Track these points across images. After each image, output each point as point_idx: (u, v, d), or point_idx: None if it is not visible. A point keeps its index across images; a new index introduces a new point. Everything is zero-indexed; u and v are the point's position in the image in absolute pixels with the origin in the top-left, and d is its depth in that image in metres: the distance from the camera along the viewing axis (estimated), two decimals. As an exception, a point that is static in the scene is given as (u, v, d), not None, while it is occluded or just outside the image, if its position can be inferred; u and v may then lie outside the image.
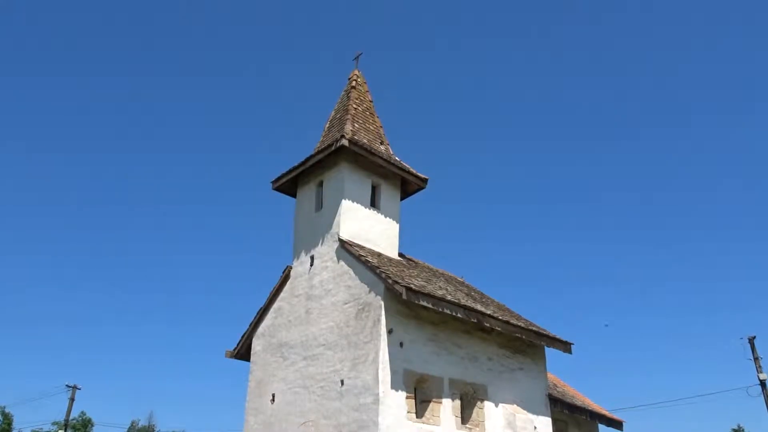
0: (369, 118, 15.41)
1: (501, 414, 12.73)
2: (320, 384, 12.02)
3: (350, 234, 13.06)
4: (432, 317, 12.12)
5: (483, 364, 12.93)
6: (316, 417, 11.83)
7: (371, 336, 11.22)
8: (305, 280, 13.58)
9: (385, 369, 10.85)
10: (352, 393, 11.17)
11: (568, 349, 14.50)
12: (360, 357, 11.28)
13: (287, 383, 13.00)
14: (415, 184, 15.01)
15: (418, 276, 13.11)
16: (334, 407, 11.46)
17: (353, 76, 16.03)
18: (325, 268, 13.10)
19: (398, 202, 14.69)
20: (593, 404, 17.71)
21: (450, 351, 12.32)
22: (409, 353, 11.47)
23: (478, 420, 12.32)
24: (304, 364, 12.68)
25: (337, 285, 12.56)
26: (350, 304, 12.03)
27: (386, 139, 15.45)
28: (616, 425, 17.51)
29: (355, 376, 11.24)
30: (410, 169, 14.74)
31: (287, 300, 13.99)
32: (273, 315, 14.34)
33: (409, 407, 11.07)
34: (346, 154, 13.52)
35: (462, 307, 12.15)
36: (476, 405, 12.45)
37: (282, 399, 13.01)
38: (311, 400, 12.10)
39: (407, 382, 11.23)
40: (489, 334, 13.22)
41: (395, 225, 14.28)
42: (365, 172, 13.98)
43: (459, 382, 12.25)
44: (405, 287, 10.94)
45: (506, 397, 13.06)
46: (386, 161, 14.08)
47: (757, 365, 24.90)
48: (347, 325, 11.89)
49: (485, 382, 12.79)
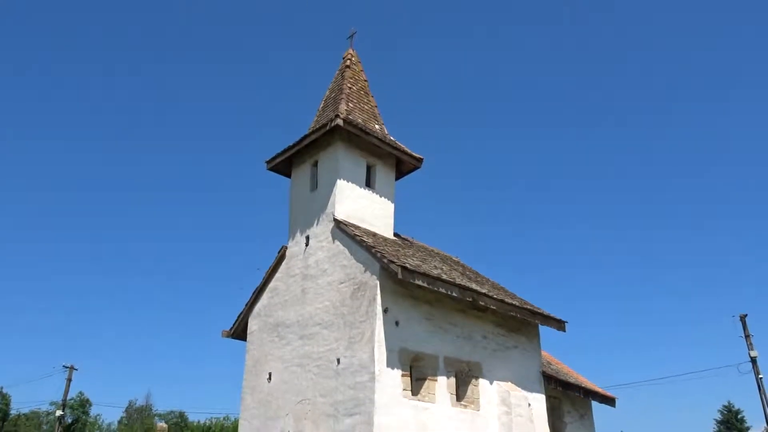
0: (364, 98, 15.32)
1: (495, 391, 12.87)
2: (316, 363, 12.11)
3: (345, 214, 13.06)
4: (427, 296, 12.19)
5: (478, 342, 13.04)
6: (312, 395, 11.94)
7: (367, 315, 11.28)
8: (301, 260, 13.61)
9: (380, 347, 10.93)
10: (348, 371, 11.26)
11: (562, 327, 14.63)
12: (356, 336, 11.35)
13: (283, 362, 13.09)
14: (410, 164, 14.98)
15: (414, 255, 13.15)
16: (330, 385, 11.56)
17: (348, 55, 15.91)
18: (320, 248, 13.11)
19: (393, 181, 14.67)
20: (587, 381, 17.91)
21: (445, 329, 12.41)
22: (405, 332, 11.55)
23: (473, 397, 12.45)
24: (300, 344, 12.76)
25: (333, 265, 12.59)
26: (346, 283, 12.07)
27: (381, 118, 15.37)
28: (609, 402, 17.73)
29: (351, 355, 11.32)
30: (405, 148, 14.70)
31: (283, 280, 14.03)
32: (269, 295, 14.38)
33: (404, 385, 11.17)
34: (341, 133, 13.46)
35: (457, 286, 12.22)
36: (471, 382, 12.57)
37: (278, 378, 13.11)
38: (307, 379, 12.20)
39: (403, 361, 11.32)
40: (484, 313, 13.32)
41: (390, 205, 14.28)
42: (360, 152, 13.94)
43: (454, 360, 12.36)
44: (400, 266, 10.97)
45: (501, 374, 13.19)
46: (381, 141, 14.03)
47: (749, 342, 25.23)
48: (343, 304, 11.95)
49: (480, 360, 12.91)
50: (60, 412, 34.93)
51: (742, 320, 25.59)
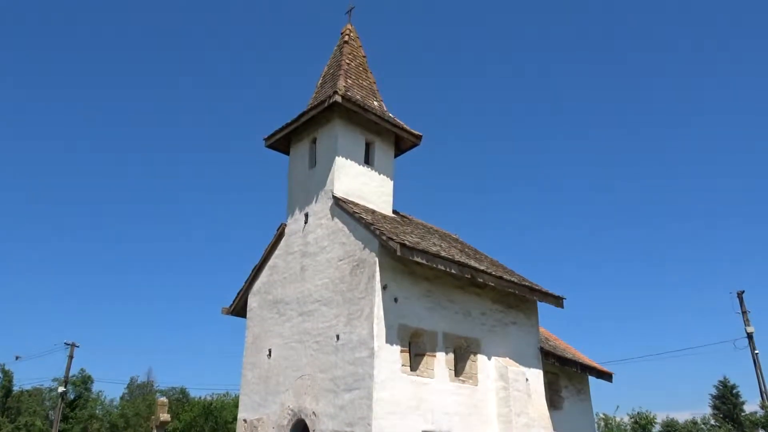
0: (362, 74, 15.21)
1: (493, 367, 12.99)
2: (316, 339, 12.20)
3: (344, 191, 13.05)
4: (426, 273, 12.23)
5: (476, 318, 13.13)
6: (312, 371, 12.05)
7: (366, 292, 11.34)
8: (300, 238, 13.63)
9: (379, 324, 11.01)
10: (347, 347, 11.35)
11: (560, 303, 14.71)
12: (355, 312, 11.42)
13: (283, 338, 13.19)
14: (409, 141, 14.93)
15: (413, 233, 13.17)
16: (329, 361, 11.66)
17: (346, 30, 15.75)
18: (319, 225, 13.13)
19: (392, 159, 14.63)
20: (584, 357, 18.08)
21: (444, 306, 12.48)
22: (404, 308, 11.62)
23: (471, 372, 12.57)
24: (299, 320, 12.84)
25: (332, 242, 12.61)
26: (345, 260, 12.11)
27: (380, 95, 15.28)
28: (606, 377, 17.92)
29: (350, 331, 11.40)
30: (404, 125, 14.63)
31: (282, 257, 14.07)
32: (268, 272, 14.44)
33: (403, 361, 11.27)
34: (339, 110, 13.39)
35: (456, 263, 12.26)
36: (469, 358, 12.68)
37: (278, 354, 13.21)
38: (307, 355, 12.30)
39: (402, 337, 11.41)
40: (482, 290, 13.38)
41: (389, 182, 14.26)
42: (359, 129, 13.88)
43: (452, 336, 12.45)
44: (399, 243, 11.00)
45: (499, 350, 13.30)
46: (380, 117, 13.97)
47: (745, 318, 25.41)
48: (342, 281, 12.00)
49: (478, 336, 13.01)
50: (62, 388, 35.27)
51: (739, 297, 25.73)
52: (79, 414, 41.47)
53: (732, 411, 37.23)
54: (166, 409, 7.23)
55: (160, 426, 6.77)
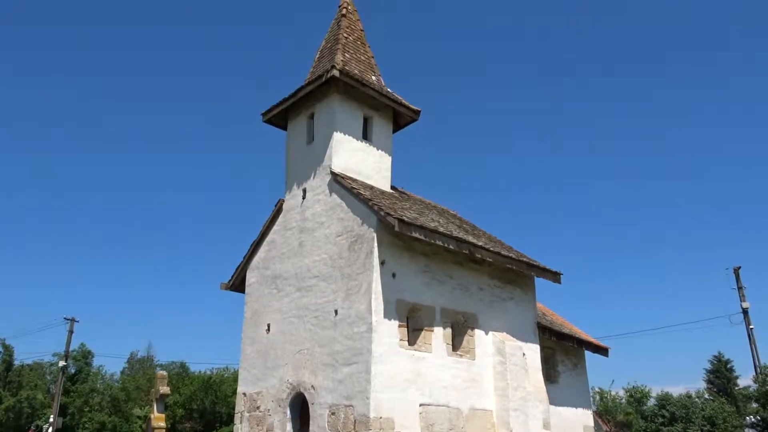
0: (360, 48, 15.04)
1: (491, 341, 13.08)
2: (314, 314, 12.26)
3: (342, 167, 13.00)
4: (424, 249, 12.25)
5: (474, 294, 13.19)
6: (310, 345, 12.13)
7: (364, 267, 11.36)
8: (298, 213, 13.62)
9: (378, 299, 11.05)
10: (345, 322, 11.41)
11: (557, 279, 14.77)
12: (353, 288, 11.46)
13: (282, 314, 13.25)
14: (407, 116, 14.82)
15: (411, 208, 13.16)
16: (328, 336, 11.74)
17: (344, 3, 15.52)
18: (317, 201, 13.10)
19: (390, 134, 14.55)
20: (580, 332, 18.20)
21: (442, 281, 12.53)
22: (402, 284, 11.66)
23: (468, 347, 12.67)
24: (298, 295, 12.89)
25: (330, 217, 12.60)
26: (343, 236, 12.12)
27: (378, 69, 15.14)
28: (602, 352, 18.06)
29: (348, 306, 11.46)
30: (402, 100, 14.52)
31: (280, 233, 14.07)
32: (266, 248, 14.45)
33: (401, 335, 11.35)
34: (337, 85, 13.27)
35: (454, 238, 12.27)
36: (467, 333, 12.77)
37: (277, 329, 13.29)
38: (306, 330, 12.37)
39: (400, 312, 11.47)
40: (480, 265, 13.42)
41: (387, 157, 14.20)
42: (357, 104, 13.77)
43: (450, 311, 12.52)
44: (397, 219, 10.99)
45: (496, 325, 13.39)
46: (378, 92, 13.85)
47: (741, 294, 25.55)
48: (340, 256, 12.02)
49: (476, 311, 13.08)
50: (63, 362, 35.54)
51: (735, 273, 25.85)
52: (80, 388, 41.88)
53: (726, 385, 37.66)
54: (166, 381, 7.30)
55: (159, 398, 6.83)
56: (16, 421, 39.31)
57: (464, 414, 11.96)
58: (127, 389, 42.24)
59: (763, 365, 21.31)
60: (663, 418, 19.32)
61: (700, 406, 20.13)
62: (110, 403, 41.21)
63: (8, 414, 39.07)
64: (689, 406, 19.39)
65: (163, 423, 6.96)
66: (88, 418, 39.27)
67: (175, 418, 36.00)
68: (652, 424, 19.61)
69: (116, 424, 38.78)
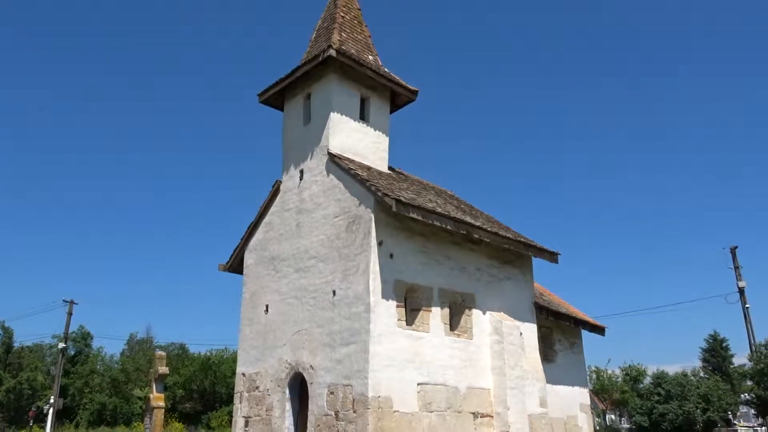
0: (357, 27, 14.90)
1: (488, 321, 13.16)
2: (313, 295, 12.30)
3: (339, 147, 12.95)
4: (422, 229, 12.26)
5: (471, 274, 13.23)
6: (309, 326, 12.19)
7: (362, 248, 11.38)
8: (295, 194, 13.59)
9: (375, 279, 11.08)
10: (344, 303, 11.46)
11: (555, 259, 14.82)
12: (351, 268, 11.49)
13: (280, 294, 13.29)
14: (404, 97, 14.74)
15: (408, 189, 13.14)
16: (326, 316, 11.79)
17: (340, -18, 15.33)
18: (314, 182, 13.07)
19: (388, 114, 14.47)
20: (577, 312, 18.31)
21: (439, 262, 12.56)
22: (399, 264, 11.69)
23: (466, 327, 12.74)
24: (296, 276, 12.92)
25: (327, 198, 12.59)
26: (340, 217, 12.11)
27: (375, 49, 15.01)
28: (599, 331, 18.19)
29: (346, 287, 11.49)
30: (399, 80, 14.42)
31: (278, 214, 14.06)
32: (264, 229, 14.45)
33: (399, 315, 11.40)
34: (334, 65, 13.16)
35: (452, 219, 12.27)
36: (464, 313, 12.83)
37: (275, 310, 13.34)
38: (304, 310, 12.42)
39: (397, 292, 11.51)
40: (478, 246, 13.44)
41: (385, 138, 14.14)
42: (354, 84, 13.67)
43: (448, 291, 12.56)
44: (395, 200, 10.98)
45: (494, 305, 13.45)
46: (375, 72, 13.75)
47: (737, 273, 25.66)
48: (338, 237, 12.03)
49: (473, 291, 13.13)
50: (62, 344, 35.69)
51: (732, 252, 25.94)
52: (80, 369, 42.15)
53: (721, 364, 38.05)
54: (164, 362, 7.32)
55: (158, 379, 6.85)
56: (17, 402, 39.58)
57: (462, 393, 12.06)
58: (127, 370, 42.48)
59: (759, 344, 21.48)
60: (659, 396, 19.52)
61: (695, 384, 20.32)
62: (110, 384, 41.46)
63: (9, 395, 39.33)
64: (685, 384, 19.58)
65: (163, 403, 6.99)
66: (89, 399, 39.56)
67: (175, 398, 36.29)
68: (648, 402, 19.80)
69: (117, 405, 39.07)
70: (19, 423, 35.94)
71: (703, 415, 18.94)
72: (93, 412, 38.28)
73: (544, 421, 13.29)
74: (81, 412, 38.78)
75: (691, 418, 18.71)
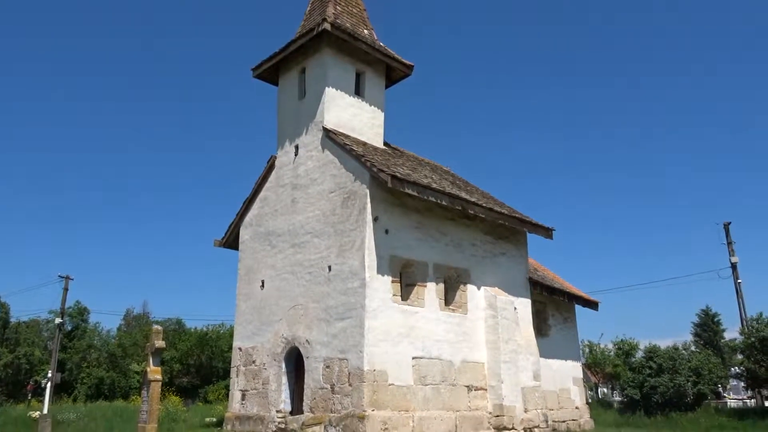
0: (352, 1, 14.73)
1: (483, 296, 13.26)
2: (308, 270, 12.35)
3: (334, 123, 12.89)
4: (417, 205, 12.28)
5: (467, 249, 13.28)
6: (305, 301, 12.26)
7: (357, 223, 11.40)
8: (290, 170, 13.56)
9: (371, 255, 11.13)
10: (339, 278, 11.51)
11: (549, 234, 14.89)
12: (346, 244, 11.52)
13: (276, 270, 13.34)
14: (400, 71, 14.64)
15: (404, 165, 13.13)
16: (322, 291, 11.85)
17: (335, -46, 15.09)
18: (310, 157, 13.04)
19: (383, 90, 14.39)
20: (571, 287, 18.46)
21: (435, 237, 12.60)
22: (395, 240, 11.73)
23: (461, 302, 12.84)
24: (291, 252, 12.95)
25: (323, 174, 12.57)
26: (336, 192, 12.11)
27: (370, 23, 14.86)
28: (592, 306, 18.37)
29: (342, 262, 11.53)
30: (395, 54, 14.31)
31: (273, 190, 14.04)
32: (259, 205, 14.44)
33: (394, 290, 11.47)
34: (329, 39, 13.03)
35: (447, 194, 12.28)
36: (459, 288, 12.92)
37: (271, 285, 13.40)
38: (300, 286, 12.48)
39: (393, 267, 11.56)
40: (473, 221, 13.48)
41: (380, 113, 14.08)
42: (349, 58, 13.56)
43: (443, 266, 12.63)
44: (390, 175, 10.97)
45: (488, 280, 13.54)
46: (370, 46, 13.63)
47: (730, 249, 25.83)
48: (333, 213, 12.04)
49: (468, 266, 13.20)
50: (59, 319, 35.78)
51: (725, 228, 26.06)
52: (77, 344, 42.34)
53: (713, 338, 38.56)
54: (161, 336, 7.35)
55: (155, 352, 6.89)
56: (14, 377, 39.82)
57: (456, 366, 12.21)
58: (124, 345, 42.67)
59: (750, 318, 21.73)
60: (650, 369, 19.75)
61: (686, 357, 20.57)
62: (108, 359, 41.69)
63: (7, 370, 39.57)
64: (676, 358, 19.81)
65: (159, 376, 7.04)
66: (86, 373, 39.80)
67: (172, 372, 36.54)
68: (640, 375, 20.04)
69: (114, 379, 39.32)
70: (18, 397, 36.20)
71: (694, 388, 19.21)
72: (91, 386, 38.52)
73: (537, 394, 13.49)
74: (79, 386, 39.03)
75: (681, 390, 18.96)
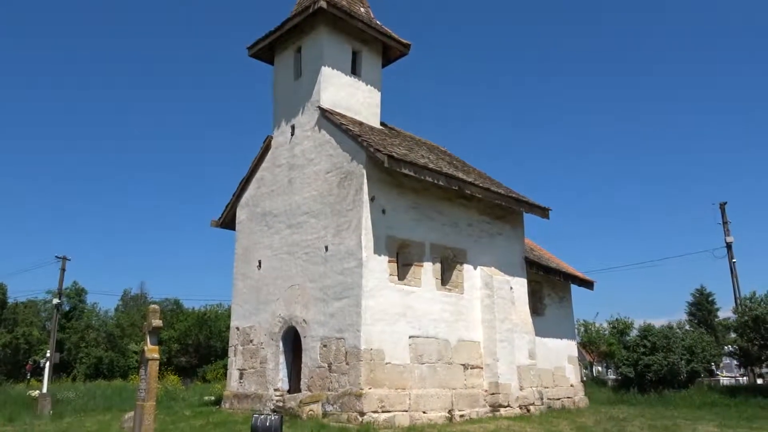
0: (348, -22, 14.54)
1: (479, 276, 13.32)
2: (305, 250, 12.37)
3: (331, 102, 12.83)
4: (414, 185, 12.27)
5: (463, 229, 13.31)
6: (302, 281, 12.30)
7: (354, 204, 11.40)
8: (287, 150, 13.52)
9: (367, 235, 11.15)
10: (336, 258, 11.54)
11: (546, 214, 14.91)
12: (343, 224, 11.53)
13: (273, 250, 13.36)
14: (396, 50, 14.54)
15: (400, 145, 13.09)
16: (319, 271, 11.89)
17: (330, -70, 14.88)
18: (306, 137, 12.99)
19: (380, 69, 14.30)
20: (567, 266, 18.54)
21: (431, 217, 12.61)
22: (392, 220, 11.74)
23: (457, 281, 12.90)
24: (288, 232, 12.97)
25: (319, 154, 12.53)
26: (332, 172, 12.09)
27: (367, 1, 14.71)
28: (587, 285, 18.47)
29: (338, 242, 11.56)
30: (392, 33, 14.20)
31: (269, 170, 14.00)
32: (255, 185, 14.42)
33: (391, 270, 11.51)
34: (325, 17, 12.91)
35: (444, 174, 12.27)
36: (456, 268, 12.98)
37: (268, 265, 13.43)
38: (297, 266, 12.52)
39: (389, 247, 11.59)
40: (470, 201, 13.49)
41: (377, 93, 14.00)
42: (345, 37, 13.45)
43: (440, 246, 12.66)
44: (387, 155, 10.95)
45: (485, 260, 13.59)
46: (367, 25, 13.51)
47: (726, 229, 25.93)
48: (330, 193, 12.03)
49: (465, 246, 13.24)
50: (57, 300, 35.87)
51: (721, 208, 26.15)
52: (75, 324, 42.53)
53: (707, 317, 38.80)
54: (158, 315, 7.36)
55: (152, 331, 6.90)
56: (13, 356, 40.04)
57: (452, 345, 12.30)
58: (122, 325, 42.88)
59: (744, 297, 21.88)
60: (644, 348, 19.92)
61: (680, 336, 20.72)
62: (106, 339, 41.91)
63: (5, 350, 39.77)
64: (670, 337, 19.97)
65: (157, 354, 7.08)
66: (85, 353, 40.03)
67: (171, 352, 36.79)
68: (634, 353, 20.22)
69: (113, 359, 39.58)
70: (17, 377, 36.42)
71: (687, 366, 19.41)
72: (89, 365, 38.78)
73: (532, 372, 13.62)
74: (78, 366, 39.30)
75: (675, 368, 19.14)
